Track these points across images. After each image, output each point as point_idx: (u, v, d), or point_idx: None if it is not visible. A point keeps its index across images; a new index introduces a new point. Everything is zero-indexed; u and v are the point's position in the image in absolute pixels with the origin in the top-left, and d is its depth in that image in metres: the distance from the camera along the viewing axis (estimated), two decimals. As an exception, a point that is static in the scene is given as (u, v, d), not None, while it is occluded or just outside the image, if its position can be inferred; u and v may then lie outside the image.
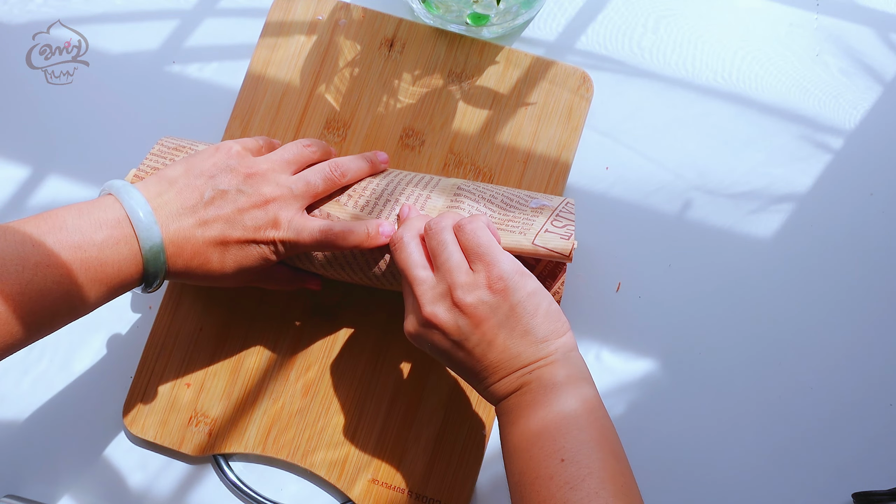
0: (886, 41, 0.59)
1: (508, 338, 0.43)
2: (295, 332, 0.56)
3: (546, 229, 0.48)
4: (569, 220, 0.49)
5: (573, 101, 0.58)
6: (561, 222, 0.49)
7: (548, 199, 0.51)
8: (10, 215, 0.60)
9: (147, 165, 0.50)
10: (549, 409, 0.41)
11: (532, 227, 0.48)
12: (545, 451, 0.40)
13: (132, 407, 0.55)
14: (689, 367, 0.56)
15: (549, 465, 0.39)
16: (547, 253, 0.47)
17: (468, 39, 0.59)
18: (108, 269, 0.42)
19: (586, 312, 0.56)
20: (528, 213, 0.50)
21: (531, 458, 0.40)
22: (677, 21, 0.60)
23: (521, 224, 0.49)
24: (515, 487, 0.41)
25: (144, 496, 0.56)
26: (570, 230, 0.48)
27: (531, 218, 0.49)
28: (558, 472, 0.39)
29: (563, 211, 0.50)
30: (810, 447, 0.55)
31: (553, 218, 0.49)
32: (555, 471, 0.39)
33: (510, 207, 0.50)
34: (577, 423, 0.41)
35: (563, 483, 0.39)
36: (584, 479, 0.39)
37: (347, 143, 0.58)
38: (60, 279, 0.41)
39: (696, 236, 0.57)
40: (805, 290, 0.56)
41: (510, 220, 0.49)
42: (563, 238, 0.47)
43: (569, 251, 0.47)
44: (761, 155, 0.58)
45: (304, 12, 0.60)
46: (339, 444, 0.55)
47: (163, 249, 0.44)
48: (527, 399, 0.42)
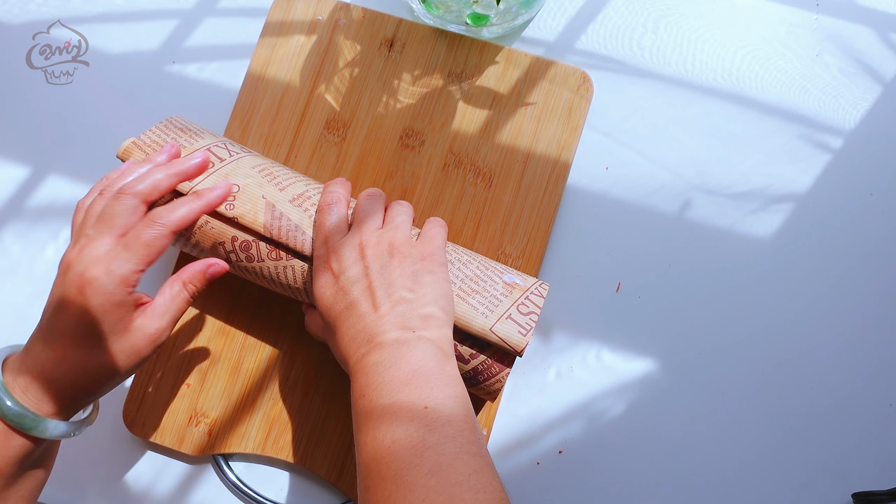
0: (886, 41, 0.59)
1: (411, 290, 0.45)
2: (295, 332, 0.56)
3: (510, 315, 0.47)
4: (535, 308, 0.48)
5: (573, 101, 0.58)
6: (527, 308, 0.48)
7: (522, 278, 0.50)
8: (10, 215, 0.60)
9: (148, 137, 0.50)
10: (426, 361, 0.42)
11: (497, 308, 0.47)
12: (410, 398, 0.41)
13: (132, 407, 0.55)
14: (689, 367, 0.56)
15: (412, 408, 0.40)
16: (500, 343, 0.47)
17: (468, 39, 0.59)
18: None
19: (586, 312, 0.56)
20: (500, 288, 0.48)
21: (392, 404, 0.41)
22: (677, 21, 0.60)
23: (487, 300, 0.48)
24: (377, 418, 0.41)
25: (144, 496, 0.56)
26: (532, 322, 0.47)
27: (499, 297, 0.48)
28: (420, 415, 0.40)
29: (534, 294, 0.49)
30: (810, 447, 0.55)
31: (520, 302, 0.48)
32: (417, 414, 0.40)
33: (483, 274, 0.49)
34: (447, 382, 0.42)
35: (423, 424, 0.39)
36: (443, 425, 0.40)
37: (347, 143, 0.58)
38: None
39: (696, 236, 0.57)
40: (805, 290, 0.56)
41: (479, 290, 0.48)
42: (522, 332, 0.47)
43: (522, 348, 0.46)
44: (761, 155, 0.58)
45: (304, 12, 0.60)
46: (339, 444, 0.55)
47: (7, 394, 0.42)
48: (406, 350, 0.43)
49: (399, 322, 0.44)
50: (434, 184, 0.57)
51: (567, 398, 0.56)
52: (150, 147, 0.50)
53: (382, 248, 0.47)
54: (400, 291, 0.45)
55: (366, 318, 0.44)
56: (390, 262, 0.46)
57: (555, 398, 0.56)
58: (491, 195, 0.57)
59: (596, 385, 0.56)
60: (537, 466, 0.55)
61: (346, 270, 0.46)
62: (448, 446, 0.39)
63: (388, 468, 0.39)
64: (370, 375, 0.42)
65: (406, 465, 0.38)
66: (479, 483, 0.38)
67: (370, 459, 0.40)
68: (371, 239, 0.47)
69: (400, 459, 0.39)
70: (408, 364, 0.42)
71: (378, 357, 0.43)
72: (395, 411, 0.40)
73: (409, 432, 0.39)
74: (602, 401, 0.56)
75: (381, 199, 0.50)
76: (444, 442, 0.39)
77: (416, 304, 0.45)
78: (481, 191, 0.57)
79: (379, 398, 0.41)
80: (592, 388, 0.56)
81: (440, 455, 0.38)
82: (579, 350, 0.56)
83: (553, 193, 0.57)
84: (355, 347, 0.44)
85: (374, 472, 0.39)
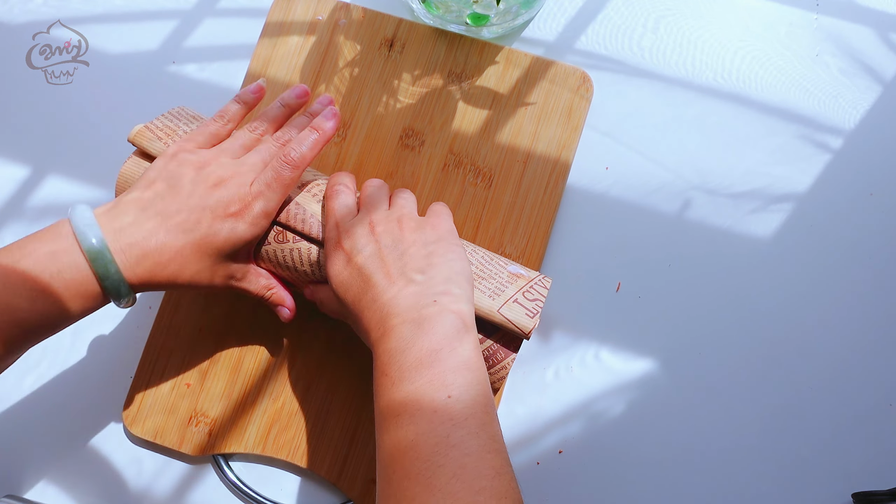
0: (886, 41, 0.59)
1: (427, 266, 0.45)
2: (295, 332, 0.56)
3: (516, 299, 0.47)
4: (540, 296, 0.48)
5: (573, 101, 0.58)
6: (532, 295, 0.48)
7: (525, 270, 0.50)
8: (10, 215, 0.60)
9: (160, 122, 0.51)
10: (446, 336, 0.42)
11: (504, 293, 0.48)
12: (434, 384, 0.40)
13: (132, 407, 0.55)
14: (688, 367, 0.56)
15: (434, 398, 0.40)
16: (507, 324, 0.47)
17: (468, 39, 0.59)
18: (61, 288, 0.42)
19: (586, 312, 0.56)
20: (505, 276, 0.49)
21: (416, 389, 0.40)
22: (677, 21, 0.60)
23: (493, 286, 0.48)
24: (399, 407, 0.41)
25: (144, 496, 0.56)
26: (539, 307, 0.47)
27: (505, 283, 0.48)
28: (443, 407, 0.40)
29: (538, 284, 0.49)
30: (810, 447, 0.55)
31: (526, 289, 0.48)
32: (440, 406, 0.40)
33: (489, 263, 0.50)
34: (468, 364, 0.41)
35: (448, 418, 0.39)
36: (468, 418, 0.39)
37: (347, 143, 0.58)
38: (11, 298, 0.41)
39: (696, 236, 0.57)
40: (805, 290, 0.56)
41: (485, 276, 0.48)
42: (529, 315, 0.47)
43: (529, 330, 0.46)
44: (761, 155, 0.58)
45: (304, 12, 0.60)
46: (339, 444, 0.55)
47: (111, 261, 0.42)
48: (426, 325, 0.42)
49: (417, 294, 0.43)
50: (434, 184, 0.57)
51: (567, 398, 0.56)
52: (163, 131, 0.50)
53: (392, 223, 0.47)
54: (415, 263, 0.45)
55: (383, 294, 0.44)
56: (402, 236, 0.46)
57: (554, 398, 0.56)
58: (491, 195, 0.57)
59: (595, 385, 0.56)
60: (537, 466, 0.55)
61: (360, 249, 0.46)
62: (472, 443, 0.38)
63: (412, 465, 0.38)
64: (392, 355, 0.42)
65: (430, 465, 0.38)
66: (501, 488, 0.38)
67: (394, 451, 0.40)
68: (379, 217, 0.47)
69: (424, 458, 0.38)
70: (428, 342, 0.41)
71: (398, 335, 0.42)
72: (418, 400, 0.40)
73: (433, 426, 0.39)
74: (602, 401, 0.56)
75: (385, 188, 0.51)
76: (469, 439, 0.39)
77: (433, 275, 0.44)
78: (481, 191, 0.57)
79: (401, 381, 0.41)
80: (592, 387, 0.56)
81: (465, 455, 0.38)
82: (579, 350, 0.56)
83: (553, 193, 0.57)
84: (375, 324, 0.44)
85: (398, 466, 0.39)
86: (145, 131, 0.50)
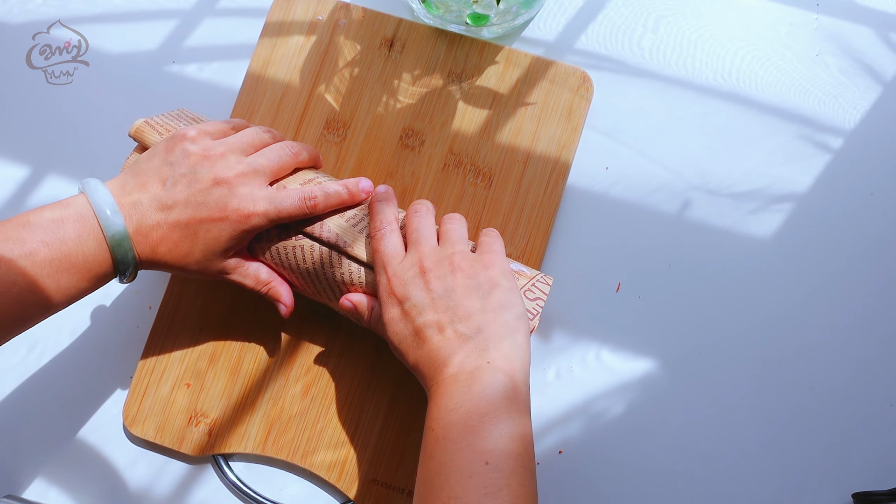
0: (886, 41, 0.59)
1: (480, 311, 0.45)
2: (295, 332, 0.56)
3: None
4: (541, 295, 0.48)
5: (573, 101, 0.58)
6: (533, 294, 0.48)
7: (526, 268, 0.50)
8: (10, 215, 0.59)
9: (161, 119, 0.51)
10: (495, 402, 0.42)
11: None
12: (473, 449, 0.41)
13: (132, 407, 0.55)
14: (689, 367, 0.56)
15: (472, 463, 0.40)
16: None
17: (468, 39, 0.59)
18: (76, 262, 0.43)
19: (586, 312, 0.56)
20: None
21: (457, 450, 0.41)
22: (677, 21, 0.60)
23: None
24: (440, 465, 0.41)
25: (144, 496, 0.56)
26: (539, 307, 0.47)
27: None
28: (480, 474, 0.40)
29: (539, 283, 0.49)
30: (810, 447, 0.55)
31: (527, 288, 0.48)
32: (476, 470, 0.40)
33: None
34: (511, 433, 0.41)
35: (482, 486, 0.39)
36: (501, 489, 0.39)
37: (347, 143, 0.58)
38: (24, 272, 0.42)
39: (696, 236, 0.57)
40: (805, 289, 0.56)
41: None
42: (530, 315, 0.47)
43: (530, 329, 0.46)
44: (761, 155, 0.58)
45: (303, 12, 0.60)
46: (339, 444, 0.55)
47: (127, 238, 0.44)
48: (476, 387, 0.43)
49: (469, 352, 0.44)
50: (434, 184, 0.57)
51: (567, 398, 0.56)
52: (164, 127, 0.50)
53: (444, 267, 0.46)
54: (469, 319, 0.45)
55: (437, 351, 0.44)
56: (454, 284, 0.46)
57: (554, 398, 0.56)
58: (491, 195, 0.57)
59: (596, 385, 0.56)
60: (537, 466, 0.55)
61: (412, 299, 0.46)
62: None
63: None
64: (441, 411, 0.43)
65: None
66: None
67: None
68: (430, 259, 0.47)
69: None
70: (475, 405, 0.42)
71: (448, 393, 0.43)
72: (456, 462, 0.40)
73: (466, 492, 0.39)
74: (602, 401, 0.56)
75: (430, 215, 0.50)
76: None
77: (488, 333, 0.44)
78: (481, 191, 0.57)
79: (445, 440, 0.42)
80: (592, 387, 0.56)
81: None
82: (579, 350, 0.56)
83: (553, 193, 0.57)
84: (429, 377, 0.44)
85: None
86: (146, 126, 0.50)
